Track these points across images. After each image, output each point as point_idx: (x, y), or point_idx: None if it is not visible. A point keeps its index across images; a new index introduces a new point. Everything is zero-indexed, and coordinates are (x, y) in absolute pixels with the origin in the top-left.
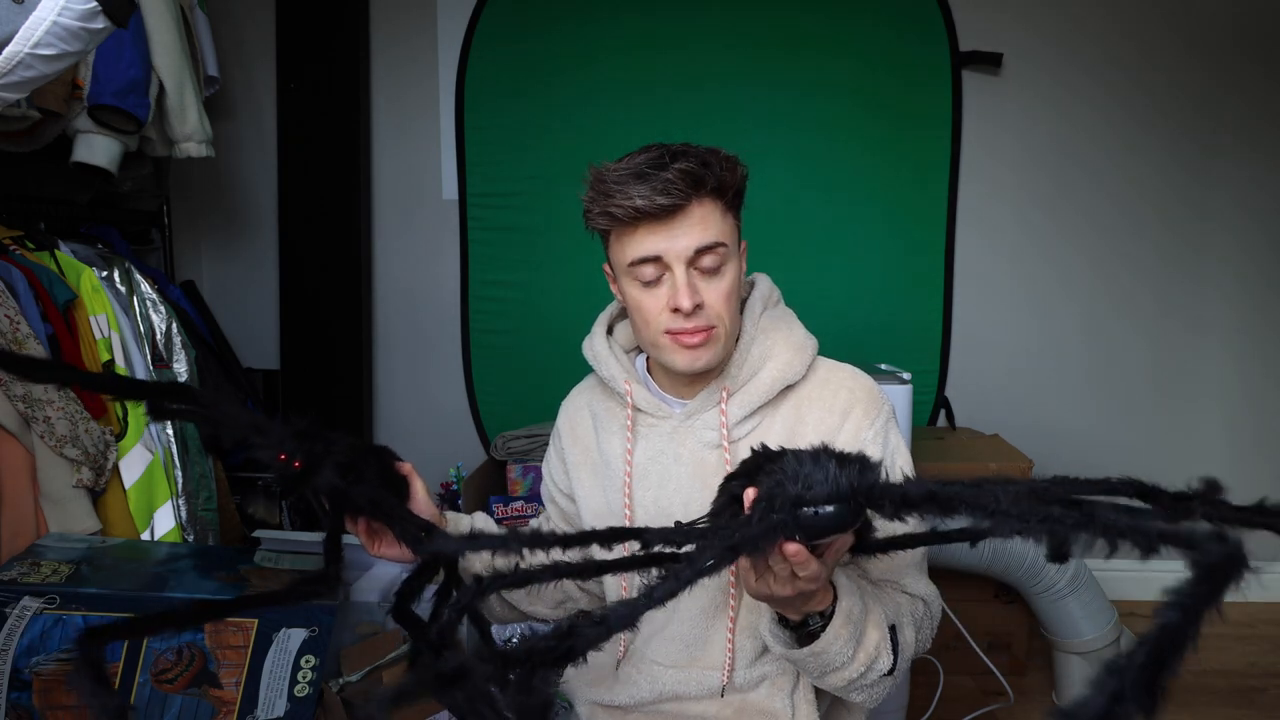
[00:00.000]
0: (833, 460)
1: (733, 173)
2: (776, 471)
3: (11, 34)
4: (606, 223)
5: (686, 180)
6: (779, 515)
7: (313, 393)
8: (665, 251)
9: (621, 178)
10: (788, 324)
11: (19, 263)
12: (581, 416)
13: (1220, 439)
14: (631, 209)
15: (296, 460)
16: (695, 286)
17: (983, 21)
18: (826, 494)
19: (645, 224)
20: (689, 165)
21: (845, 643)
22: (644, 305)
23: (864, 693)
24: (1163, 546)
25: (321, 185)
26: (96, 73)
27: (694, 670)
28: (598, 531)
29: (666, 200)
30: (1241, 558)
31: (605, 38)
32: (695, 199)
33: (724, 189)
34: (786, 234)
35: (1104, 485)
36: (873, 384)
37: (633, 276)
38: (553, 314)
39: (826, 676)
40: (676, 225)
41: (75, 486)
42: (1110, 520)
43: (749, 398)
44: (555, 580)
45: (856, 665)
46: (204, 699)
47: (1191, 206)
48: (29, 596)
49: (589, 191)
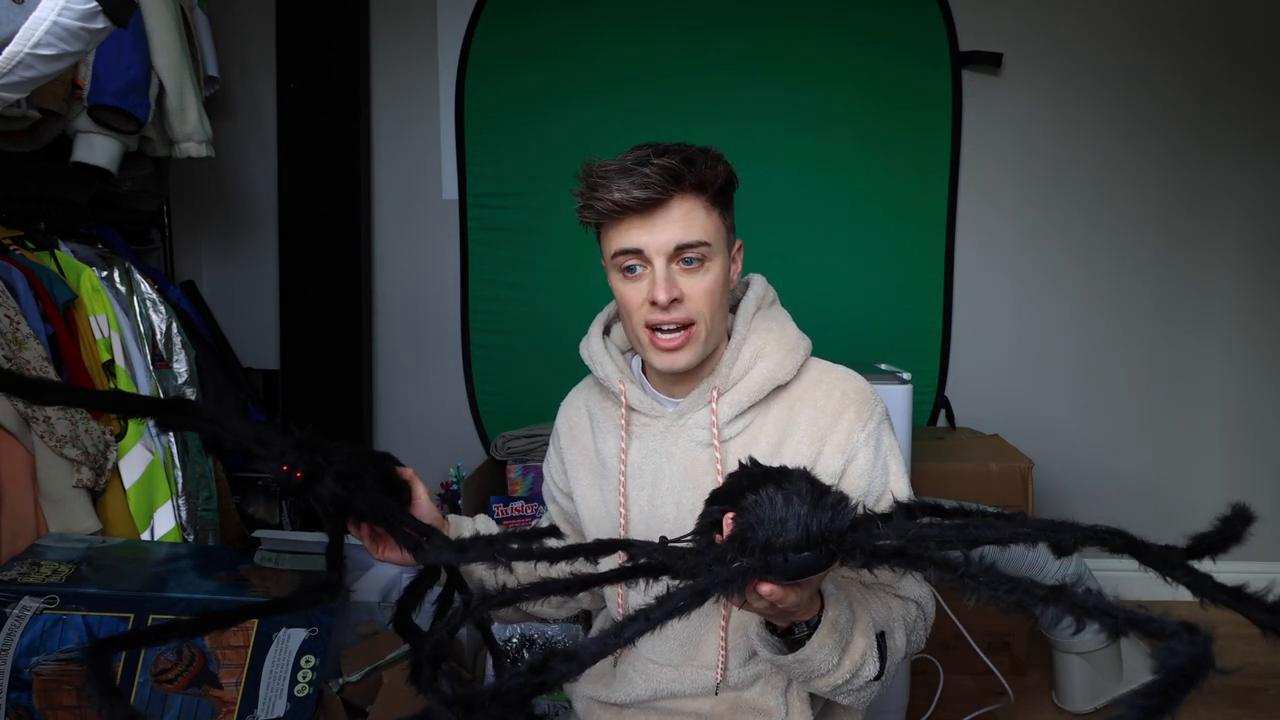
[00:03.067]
0: (806, 504)
1: (714, 170)
2: (752, 509)
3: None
4: (591, 216)
5: (665, 175)
6: (749, 561)
7: (313, 393)
8: (646, 245)
9: (606, 173)
10: (780, 324)
11: (19, 263)
12: (579, 417)
13: (1219, 439)
14: (611, 202)
15: (298, 471)
16: (674, 281)
17: (983, 21)
18: (796, 540)
19: (628, 218)
20: (670, 161)
21: (830, 651)
22: (626, 297)
23: (851, 696)
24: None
25: (321, 185)
26: (96, 73)
27: (688, 669)
28: (584, 545)
29: (644, 194)
30: (1208, 659)
31: (605, 38)
32: (676, 194)
33: (704, 185)
34: (786, 234)
35: (1092, 534)
36: (866, 386)
37: (617, 268)
38: (553, 314)
39: (812, 681)
40: (658, 220)
41: (75, 486)
42: (1080, 600)
43: (739, 397)
44: (542, 597)
45: (842, 672)
46: (204, 699)
47: (1192, 206)
48: (29, 596)
49: (580, 187)
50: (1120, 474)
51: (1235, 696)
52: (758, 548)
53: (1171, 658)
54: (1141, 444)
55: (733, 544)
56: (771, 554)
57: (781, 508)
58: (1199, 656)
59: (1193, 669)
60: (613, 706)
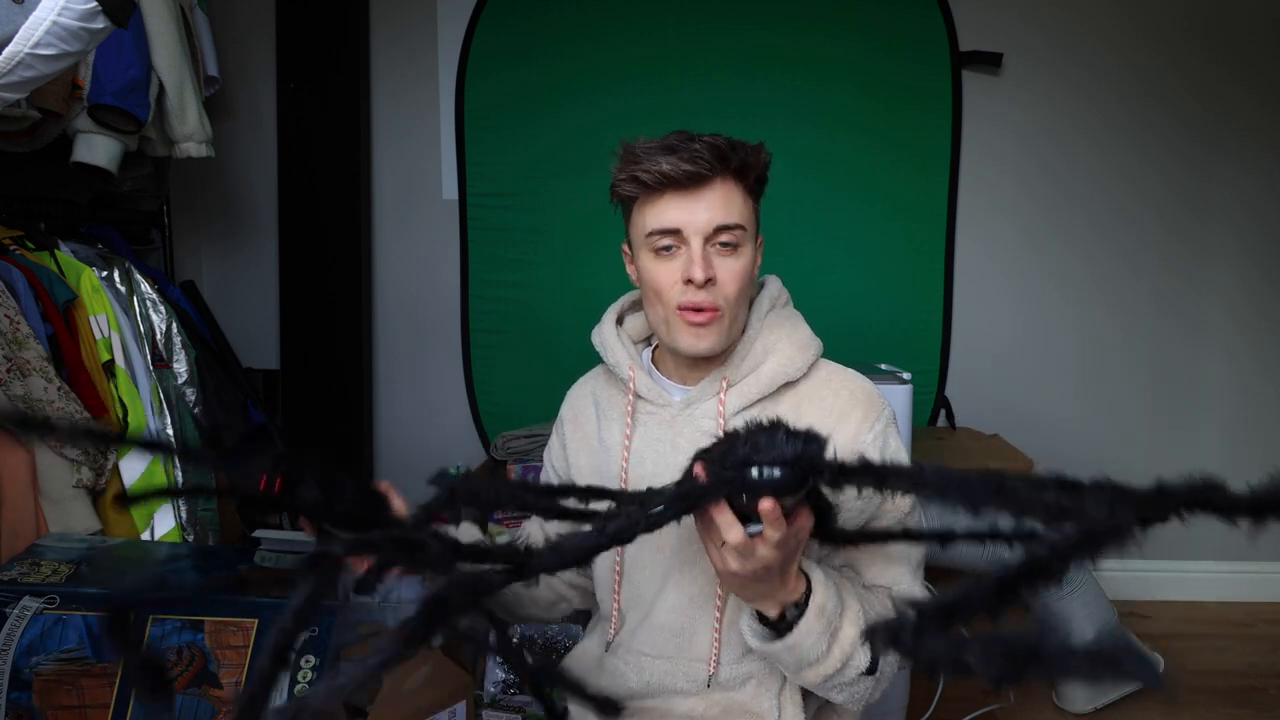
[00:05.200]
0: (781, 430)
1: (757, 156)
2: (732, 441)
3: (11, 34)
4: (633, 188)
5: (713, 153)
6: (728, 471)
7: (313, 393)
8: (685, 225)
9: (650, 149)
10: (793, 323)
11: (19, 263)
12: (585, 404)
13: (1219, 439)
14: (659, 173)
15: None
16: (710, 261)
17: (983, 21)
18: (772, 457)
19: (669, 193)
20: (716, 141)
21: (819, 636)
22: (658, 276)
23: (844, 692)
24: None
25: (321, 185)
26: (96, 73)
27: (680, 661)
28: (575, 487)
29: (692, 168)
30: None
31: (605, 38)
32: (720, 175)
33: (747, 170)
34: (786, 233)
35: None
36: (874, 389)
37: (650, 247)
38: (553, 314)
39: (803, 672)
40: (699, 199)
41: (75, 486)
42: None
43: (748, 390)
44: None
45: (832, 661)
46: (204, 699)
47: (1192, 206)
48: (29, 596)
49: (617, 163)
50: (1120, 474)
51: (1235, 696)
52: (737, 461)
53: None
54: (1141, 443)
55: (713, 464)
56: (749, 467)
57: (762, 435)
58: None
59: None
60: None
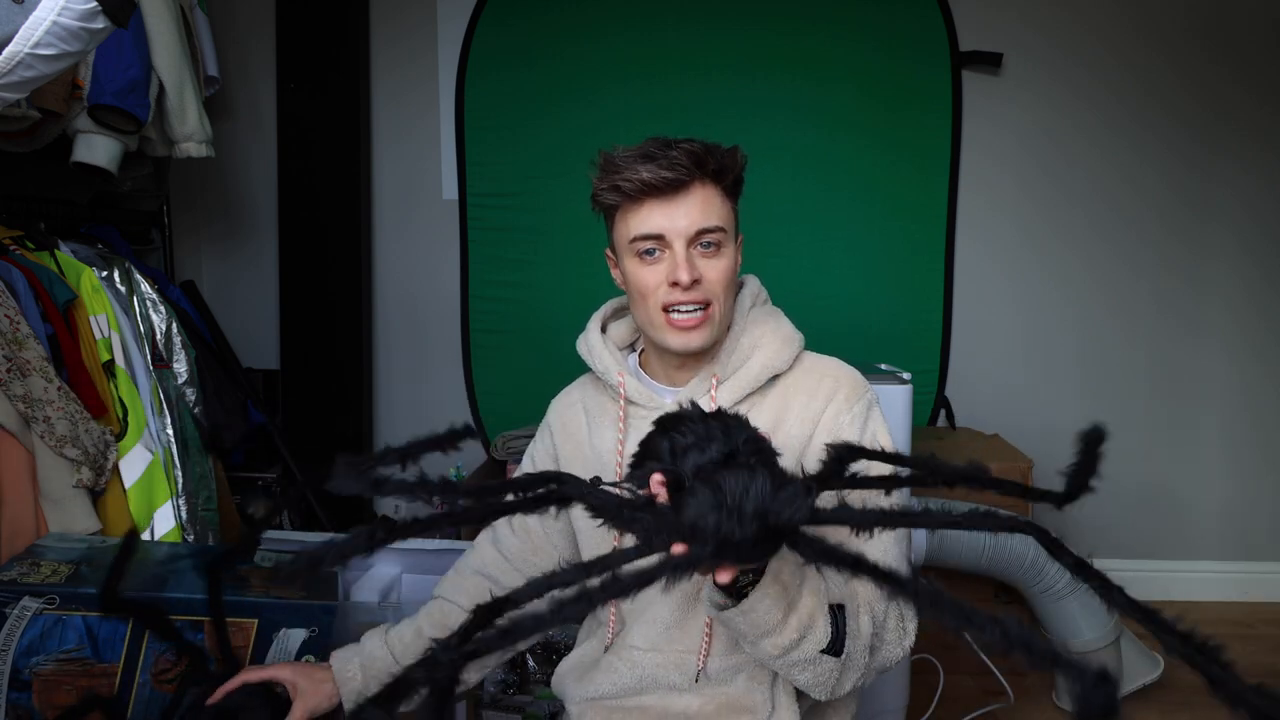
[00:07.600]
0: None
1: (733, 158)
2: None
3: (11, 34)
4: (614, 197)
5: (690, 159)
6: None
7: (313, 393)
8: (667, 230)
9: (629, 158)
10: (775, 319)
11: (19, 263)
12: (574, 412)
13: (1219, 439)
14: (639, 181)
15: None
16: (694, 263)
17: (983, 21)
18: (751, 535)
19: (650, 200)
20: (692, 147)
21: (774, 603)
22: (643, 280)
23: (806, 671)
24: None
25: (321, 185)
26: (96, 73)
27: (671, 653)
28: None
29: (671, 174)
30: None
31: (605, 38)
32: (698, 179)
33: (724, 173)
34: (786, 233)
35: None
36: (856, 374)
37: (634, 252)
38: (553, 314)
39: (760, 643)
40: (679, 204)
41: (75, 486)
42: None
43: (739, 385)
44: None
45: (789, 631)
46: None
47: (1192, 206)
48: (29, 596)
49: (598, 173)
50: (1120, 473)
51: None
52: (710, 538)
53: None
54: (1141, 443)
55: (683, 531)
56: (725, 547)
57: (736, 489)
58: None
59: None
60: (603, 705)
